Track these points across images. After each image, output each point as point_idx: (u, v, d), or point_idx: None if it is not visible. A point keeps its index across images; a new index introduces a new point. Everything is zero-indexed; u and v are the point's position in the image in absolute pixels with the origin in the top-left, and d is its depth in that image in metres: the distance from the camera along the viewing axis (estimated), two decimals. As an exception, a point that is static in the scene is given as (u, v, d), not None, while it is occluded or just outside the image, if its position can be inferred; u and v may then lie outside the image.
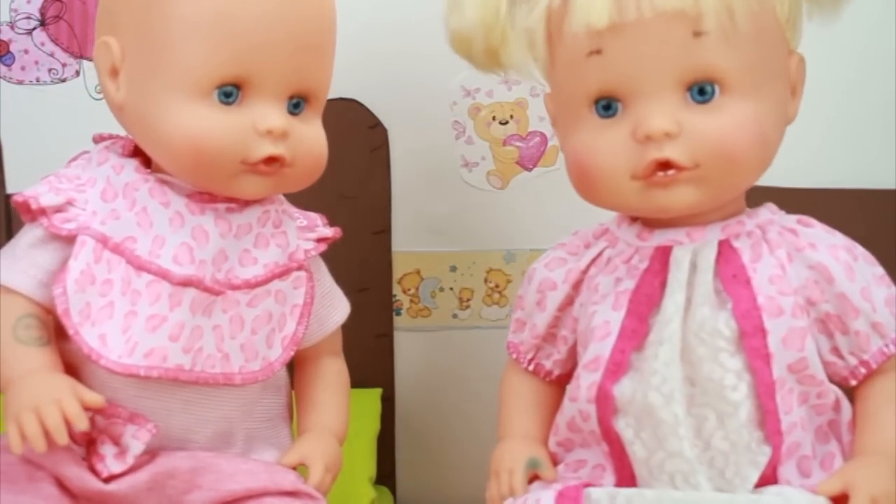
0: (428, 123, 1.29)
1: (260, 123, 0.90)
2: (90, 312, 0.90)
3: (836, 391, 0.91)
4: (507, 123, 1.29)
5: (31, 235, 0.92)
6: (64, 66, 1.28)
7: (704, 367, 0.88)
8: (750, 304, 0.88)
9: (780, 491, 0.87)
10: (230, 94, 0.90)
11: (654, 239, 0.91)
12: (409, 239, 1.30)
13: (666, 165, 0.87)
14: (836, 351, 0.90)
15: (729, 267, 0.89)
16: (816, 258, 0.89)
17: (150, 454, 0.91)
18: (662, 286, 0.90)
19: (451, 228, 1.31)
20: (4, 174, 1.28)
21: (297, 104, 0.93)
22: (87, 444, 0.91)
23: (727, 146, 0.86)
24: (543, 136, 1.29)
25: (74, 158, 0.97)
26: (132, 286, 0.91)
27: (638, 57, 0.86)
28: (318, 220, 1.00)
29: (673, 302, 0.88)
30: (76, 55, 1.28)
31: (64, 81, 1.28)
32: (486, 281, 1.31)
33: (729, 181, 0.88)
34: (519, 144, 1.30)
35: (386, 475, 1.28)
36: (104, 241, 0.91)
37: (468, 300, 1.32)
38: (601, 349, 0.90)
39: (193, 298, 0.91)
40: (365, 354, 1.20)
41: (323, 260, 1.01)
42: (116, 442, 0.91)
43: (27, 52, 1.28)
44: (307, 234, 0.98)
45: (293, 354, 0.97)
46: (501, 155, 1.30)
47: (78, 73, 1.28)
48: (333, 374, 1.01)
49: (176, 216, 0.92)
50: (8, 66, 1.28)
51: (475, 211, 1.30)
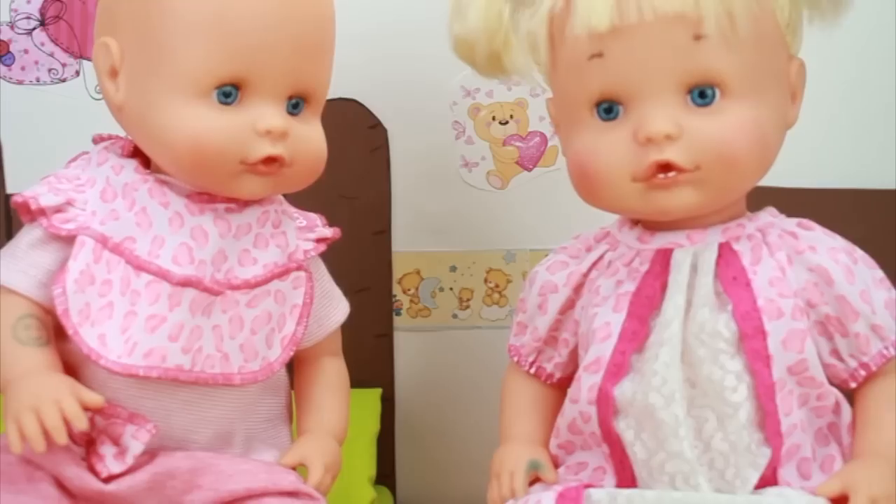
0: (428, 123, 1.29)
1: (259, 124, 0.90)
2: (90, 312, 0.90)
3: (835, 394, 0.91)
4: (506, 123, 1.29)
5: (30, 236, 0.92)
6: (64, 66, 1.28)
7: (705, 368, 0.88)
8: (750, 306, 0.88)
9: (779, 492, 0.87)
10: (229, 94, 0.90)
11: (654, 242, 0.91)
12: (409, 239, 1.30)
13: (666, 167, 0.87)
14: (835, 353, 0.90)
15: (729, 269, 0.89)
16: (816, 261, 0.89)
17: (149, 454, 0.91)
18: (663, 288, 0.90)
19: (451, 228, 1.30)
20: (4, 174, 1.28)
21: (296, 104, 0.93)
22: (86, 444, 0.91)
23: (727, 149, 0.86)
24: (543, 136, 1.29)
25: (74, 159, 0.97)
26: (131, 286, 0.91)
27: (639, 60, 0.87)
28: (317, 220, 1.00)
29: (673, 304, 0.88)
30: (76, 55, 1.28)
31: (64, 81, 1.28)
32: (486, 281, 1.31)
33: (728, 184, 0.88)
34: (519, 144, 1.30)
35: (386, 475, 1.28)
36: (104, 241, 0.91)
37: (468, 300, 1.32)
38: (602, 351, 0.90)
39: (193, 299, 0.91)
40: (365, 354, 1.19)
41: (323, 260, 1.01)
42: (116, 442, 0.91)
43: (27, 52, 1.28)
44: (306, 234, 0.98)
45: (293, 355, 0.97)
46: (501, 155, 1.30)
47: (78, 73, 1.28)
48: (333, 374, 1.01)
49: (175, 216, 0.92)
50: (8, 66, 1.28)
51: (475, 211, 1.30)
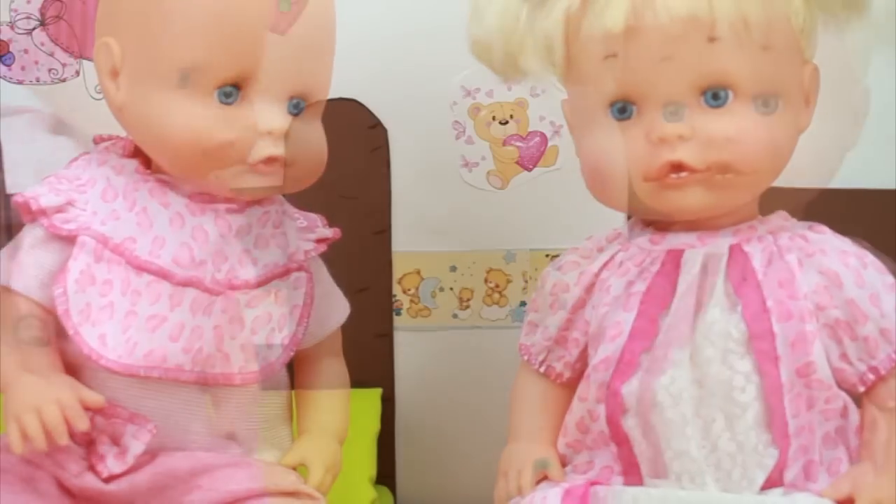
0: (428, 123, 1.29)
1: (260, 124, 0.90)
2: (90, 313, 0.90)
3: (844, 397, 0.91)
4: (507, 123, 1.29)
5: (31, 236, 0.92)
6: (64, 66, 1.28)
7: (713, 368, 0.88)
8: (759, 306, 0.88)
9: (785, 493, 0.87)
10: (230, 94, 0.90)
11: (666, 243, 0.92)
12: (409, 239, 1.30)
13: (678, 167, 0.87)
14: (844, 357, 0.90)
15: (739, 270, 0.89)
16: (826, 264, 0.90)
17: (150, 454, 0.91)
18: (673, 288, 0.90)
19: (451, 228, 1.30)
20: (4, 174, 1.28)
21: (297, 104, 0.93)
22: (87, 444, 0.92)
23: (739, 150, 0.87)
24: (543, 136, 1.29)
25: (75, 159, 0.97)
26: (132, 286, 0.91)
27: (653, 61, 0.87)
28: (317, 220, 1.00)
29: (683, 303, 0.89)
30: (76, 55, 1.28)
31: (64, 81, 1.28)
32: (486, 281, 1.31)
33: (740, 185, 0.89)
34: (519, 144, 1.29)
35: (386, 475, 1.28)
36: (104, 241, 0.91)
37: (468, 300, 1.32)
38: (612, 349, 0.91)
39: (193, 299, 0.91)
40: (365, 354, 1.19)
41: (323, 260, 1.01)
42: (116, 442, 0.91)
43: (27, 52, 1.27)
44: (307, 234, 0.99)
45: (293, 355, 0.97)
46: (501, 155, 1.29)
47: (78, 73, 1.28)
48: (333, 374, 1.01)
49: (176, 217, 0.92)
50: (8, 66, 1.28)
51: (475, 211, 1.30)
